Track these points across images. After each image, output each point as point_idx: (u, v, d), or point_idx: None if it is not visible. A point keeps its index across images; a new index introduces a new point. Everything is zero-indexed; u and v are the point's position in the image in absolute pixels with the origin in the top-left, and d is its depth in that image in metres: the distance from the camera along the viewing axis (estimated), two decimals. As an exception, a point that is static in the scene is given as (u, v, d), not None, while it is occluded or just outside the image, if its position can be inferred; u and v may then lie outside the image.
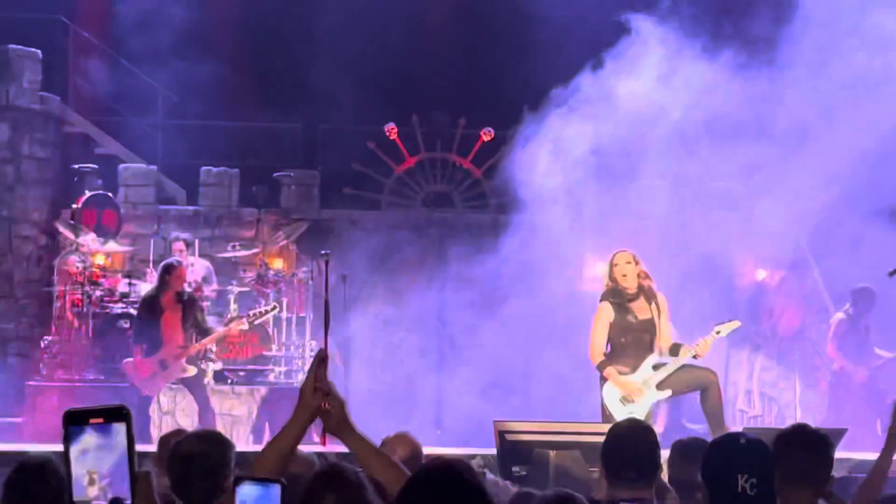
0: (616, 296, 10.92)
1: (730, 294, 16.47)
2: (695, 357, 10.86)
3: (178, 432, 6.09)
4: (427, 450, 10.07)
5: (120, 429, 2.85)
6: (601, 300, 11.01)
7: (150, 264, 15.89)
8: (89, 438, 2.84)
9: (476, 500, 3.62)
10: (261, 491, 3.28)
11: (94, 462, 2.84)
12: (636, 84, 13.99)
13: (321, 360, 4.12)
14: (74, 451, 2.84)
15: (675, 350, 10.82)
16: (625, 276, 10.90)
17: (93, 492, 2.83)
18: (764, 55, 14.01)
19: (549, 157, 14.45)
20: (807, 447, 5.12)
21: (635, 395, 10.65)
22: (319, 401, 4.10)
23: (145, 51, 17.89)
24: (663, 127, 14.11)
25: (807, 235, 16.66)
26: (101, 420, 2.86)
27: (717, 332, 11.04)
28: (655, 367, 10.82)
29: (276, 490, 3.27)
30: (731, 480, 4.07)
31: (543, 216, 15.18)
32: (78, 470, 2.84)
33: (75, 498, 2.83)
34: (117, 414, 2.87)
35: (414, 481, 3.65)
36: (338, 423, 4.10)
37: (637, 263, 11.03)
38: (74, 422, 2.86)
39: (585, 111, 14.28)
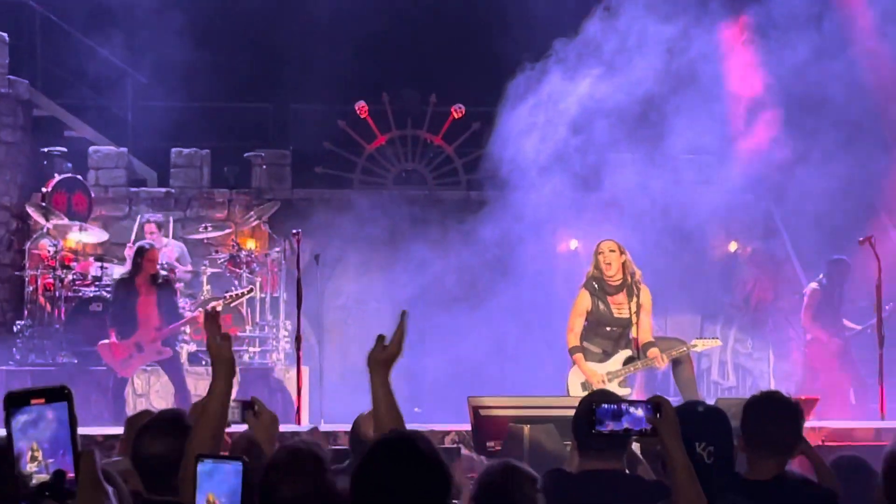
0: (598, 285, 10.91)
1: (703, 266, 16.52)
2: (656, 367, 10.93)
3: (144, 414, 6.07)
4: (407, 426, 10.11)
5: (62, 408, 2.86)
6: (582, 286, 11.01)
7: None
8: (31, 419, 2.85)
9: (432, 471, 3.62)
10: (222, 469, 3.28)
11: (36, 441, 2.85)
12: (597, 63, 14.02)
13: (211, 316, 4.46)
14: (17, 431, 2.85)
15: (647, 348, 10.85)
16: (609, 264, 10.87)
17: (35, 467, 2.84)
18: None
19: (524, 132, 14.45)
20: (776, 414, 5.13)
21: (597, 385, 10.70)
22: (231, 346, 4.42)
23: (114, 33, 17.81)
24: (634, 102, 14.12)
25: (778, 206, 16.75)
26: (42, 400, 2.86)
27: (694, 346, 11.07)
28: (626, 363, 10.87)
29: (237, 467, 3.27)
30: (688, 448, 4.07)
31: (517, 192, 15.20)
32: (21, 447, 2.85)
33: (17, 473, 2.85)
34: (59, 394, 2.87)
35: (371, 453, 3.66)
36: (384, 361, 4.55)
37: (622, 253, 10.99)
38: (16, 403, 2.86)
39: (557, 85, 14.29)
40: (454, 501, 3.84)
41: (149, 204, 17.05)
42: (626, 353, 10.89)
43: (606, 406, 3.95)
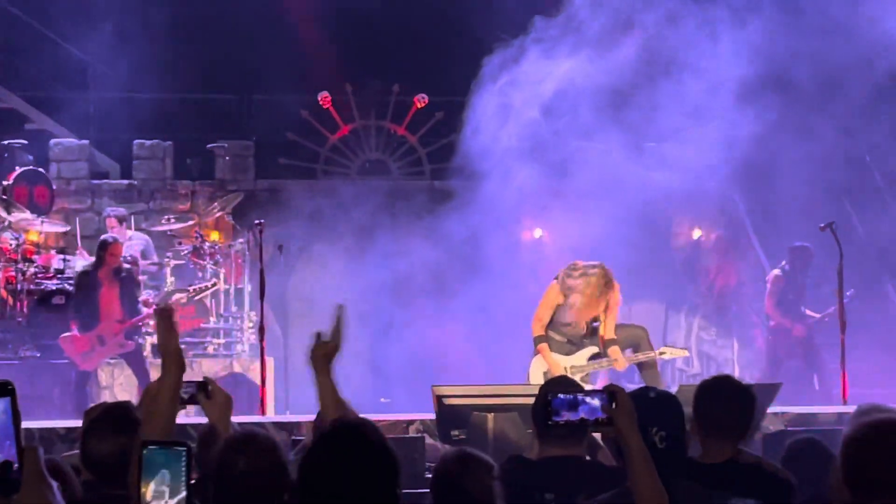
0: (564, 284, 10.92)
1: (666, 254, 16.57)
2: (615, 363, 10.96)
3: (100, 407, 6.02)
4: (367, 416, 10.10)
5: (5, 403, 2.84)
6: (555, 278, 11.01)
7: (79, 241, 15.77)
8: None
9: (380, 459, 3.63)
10: (167, 455, 3.28)
11: None
12: (563, 51, 14.02)
13: (163, 312, 4.50)
14: None
15: (609, 345, 10.88)
16: (578, 294, 10.85)
17: None
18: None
19: (489, 121, 14.44)
20: (728, 398, 5.14)
21: (557, 373, 10.72)
22: (177, 339, 4.49)
23: (76, 24, 17.70)
24: (598, 90, 14.14)
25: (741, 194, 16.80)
26: None
27: (662, 353, 11.13)
28: (591, 359, 10.89)
29: (182, 453, 3.27)
30: (642, 434, 4.08)
31: (481, 181, 15.19)
32: None
33: None
34: (1, 389, 2.85)
35: (318, 443, 3.66)
36: (325, 357, 4.59)
37: (604, 290, 10.95)
38: None
39: (523, 74, 14.28)
40: None
41: (111, 196, 16.97)
42: (593, 349, 10.91)
43: (562, 396, 3.95)
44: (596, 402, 3.94)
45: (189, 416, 9.53)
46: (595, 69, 13.99)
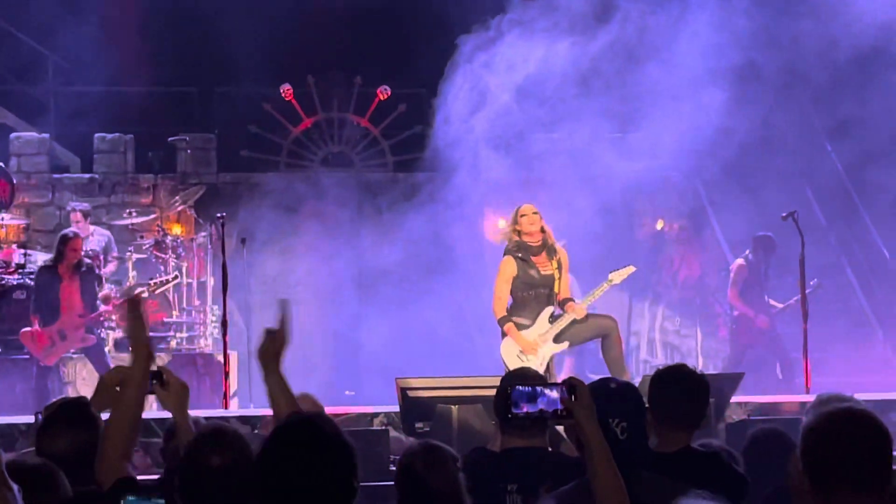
0: (520, 250, 10.95)
1: (630, 244, 16.59)
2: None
3: (52, 405, 5.98)
4: (332, 409, 10.08)
5: None
6: (505, 254, 11.03)
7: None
8: None
9: (335, 451, 3.62)
10: None
11: None
12: (532, 41, 14.01)
13: (132, 303, 4.57)
14: None
15: (565, 303, 10.91)
16: (532, 225, 10.94)
17: None
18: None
19: (455, 111, 14.42)
20: (682, 387, 5.14)
21: (530, 352, 10.73)
22: (146, 331, 4.54)
23: (34, 18, 17.58)
24: (561, 81, 14.14)
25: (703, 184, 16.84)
26: None
27: (611, 281, 11.17)
28: (552, 320, 10.89)
29: None
30: (602, 425, 4.08)
31: (444, 172, 15.19)
32: None
33: None
34: None
35: (273, 437, 3.65)
36: (274, 354, 4.55)
37: (540, 216, 11.10)
38: None
39: (483, 64, 14.27)
40: None
41: (72, 190, 16.87)
42: (549, 309, 10.91)
43: (521, 389, 3.95)
44: (555, 394, 3.94)
45: (152, 410, 9.48)
46: (559, 59, 13.99)
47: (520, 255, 10.93)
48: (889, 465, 3.43)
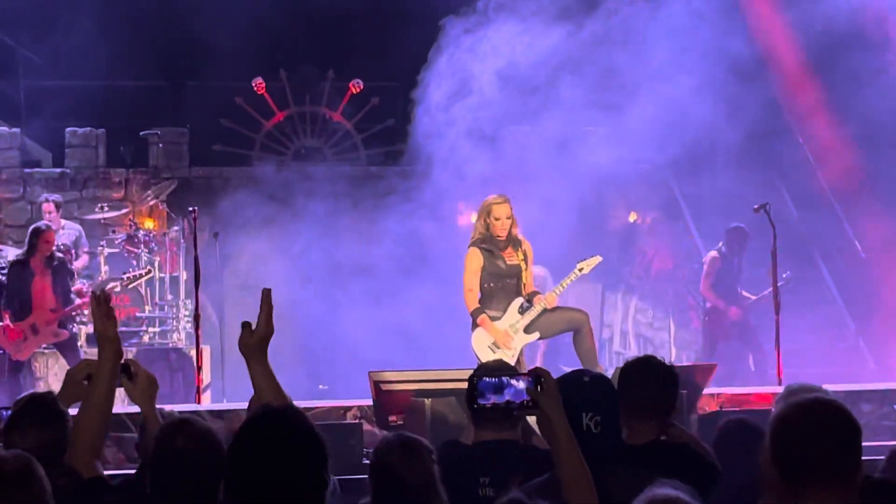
0: (486, 242, 10.96)
1: (602, 236, 16.62)
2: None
3: (20, 400, 5.95)
4: (305, 403, 10.08)
5: None
6: (470, 246, 11.04)
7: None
8: None
9: (305, 443, 3.63)
10: None
11: None
12: (505, 30, 14.01)
13: (98, 299, 4.59)
14: None
15: (532, 296, 10.93)
16: (498, 219, 10.93)
17: None
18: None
19: (427, 105, 14.42)
20: (650, 378, 5.15)
21: (504, 344, 10.74)
22: (115, 326, 4.54)
23: (3, 12, 17.49)
24: (534, 72, 14.15)
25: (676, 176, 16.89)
26: None
27: (580, 270, 11.19)
28: (522, 311, 10.90)
29: None
30: (576, 419, 4.09)
31: (418, 165, 15.18)
32: None
33: None
34: None
35: (244, 429, 3.65)
36: (257, 345, 4.48)
37: (510, 208, 11.10)
38: None
39: (456, 56, 14.26)
40: None
41: (43, 185, 16.79)
42: (518, 300, 10.92)
43: (488, 380, 3.96)
44: (521, 384, 3.95)
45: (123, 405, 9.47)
46: (530, 54, 14.00)
47: (485, 245, 10.93)
48: (857, 455, 3.45)
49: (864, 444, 3.60)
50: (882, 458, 5.12)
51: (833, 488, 3.40)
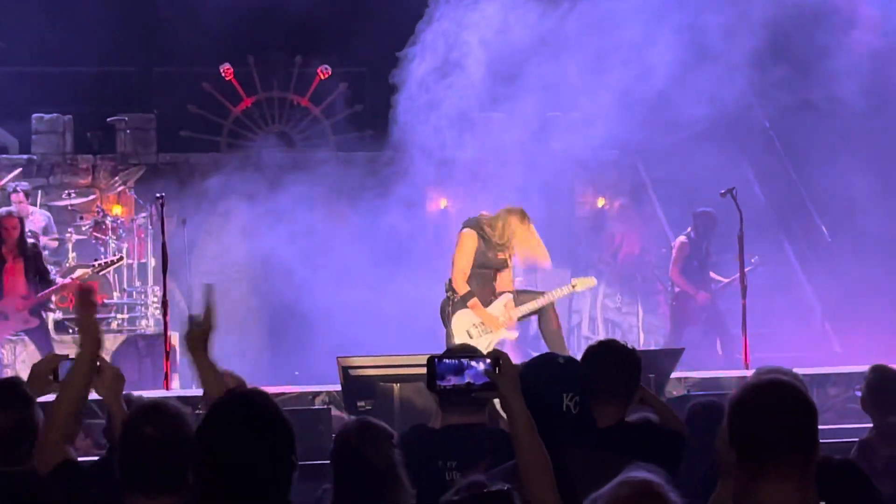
0: (481, 231, 10.81)
1: (571, 222, 16.66)
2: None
3: None
4: (275, 388, 10.08)
5: None
6: (468, 227, 10.84)
7: None
8: None
9: (273, 426, 3.65)
10: None
11: None
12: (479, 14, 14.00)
13: (84, 291, 4.64)
14: None
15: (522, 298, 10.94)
16: (512, 238, 10.84)
17: None
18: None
19: (398, 90, 14.40)
20: (612, 360, 5.19)
21: (493, 325, 10.70)
22: (94, 316, 4.59)
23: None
24: (502, 59, 14.15)
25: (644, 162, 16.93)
26: None
27: (574, 286, 11.16)
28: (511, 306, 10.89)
29: None
30: (556, 400, 4.11)
31: (386, 151, 15.18)
32: None
33: None
34: None
35: (210, 414, 3.66)
36: (200, 339, 4.61)
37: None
38: None
39: (427, 40, 14.25)
40: None
41: (10, 171, 16.70)
42: (507, 296, 10.87)
43: (448, 361, 3.99)
44: (481, 366, 3.98)
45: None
46: (499, 40, 14.01)
47: (481, 235, 10.80)
48: (812, 434, 3.48)
49: (830, 427, 3.64)
50: (850, 440, 5.18)
51: (789, 467, 3.43)
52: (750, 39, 14.38)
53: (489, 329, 10.72)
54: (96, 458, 6.91)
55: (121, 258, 14.27)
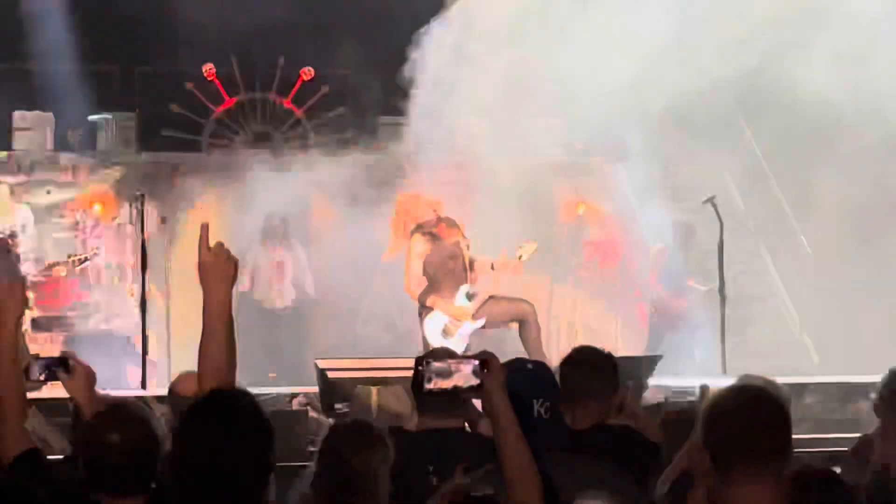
0: (431, 233, 10.87)
1: (550, 228, 16.65)
2: (491, 268, 10.96)
3: None
4: (249, 391, 10.05)
5: None
6: (414, 233, 10.95)
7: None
8: None
9: (252, 425, 3.64)
10: None
11: None
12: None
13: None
14: None
15: (471, 265, 10.94)
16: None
17: None
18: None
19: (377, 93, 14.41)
20: (588, 364, 5.23)
21: (463, 318, 10.73)
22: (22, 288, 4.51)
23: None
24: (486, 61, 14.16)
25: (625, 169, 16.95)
26: None
27: (520, 257, 11.20)
28: (469, 297, 10.92)
29: None
30: (527, 406, 4.12)
31: (367, 155, 15.17)
32: None
33: None
34: None
35: (189, 412, 3.65)
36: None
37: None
38: None
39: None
40: None
41: (-10, 168, 16.67)
42: (465, 287, 10.92)
43: (435, 364, 3.98)
44: (468, 368, 3.97)
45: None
46: (483, 41, 14.02)
47: (426, 234, 10.84)
48: (785, 438, 3.54)
49: (808, 436, 3.70)
50: (828, 449, 5.19)
51: (761, 472, 3.48)
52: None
53: (461, 320, 10.77)
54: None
55: (96, 253, 14.21)
